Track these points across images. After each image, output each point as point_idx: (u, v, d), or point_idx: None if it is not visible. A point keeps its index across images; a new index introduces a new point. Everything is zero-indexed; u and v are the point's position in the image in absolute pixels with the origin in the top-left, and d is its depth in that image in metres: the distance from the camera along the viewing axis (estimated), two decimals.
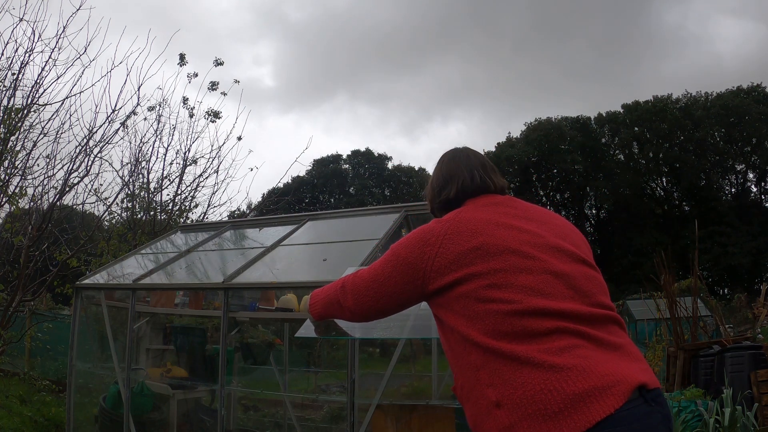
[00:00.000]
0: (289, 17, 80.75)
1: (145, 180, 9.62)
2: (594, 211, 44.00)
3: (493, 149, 42.85)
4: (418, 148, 78.85)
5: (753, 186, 39.47)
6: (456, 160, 1.81)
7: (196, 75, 10.04)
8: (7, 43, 7.24)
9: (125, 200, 9.46)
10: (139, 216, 9.57)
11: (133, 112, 8.86)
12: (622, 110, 40.79)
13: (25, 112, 7.20)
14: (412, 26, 76.01)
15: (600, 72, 65.38)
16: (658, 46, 62.97)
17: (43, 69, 7.24)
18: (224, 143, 11.44)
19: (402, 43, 76.45)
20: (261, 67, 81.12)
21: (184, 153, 9.91)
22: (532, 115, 68.99)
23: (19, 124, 7.17)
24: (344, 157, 48.71)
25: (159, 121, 9.59)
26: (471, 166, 1.77)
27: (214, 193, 10.56)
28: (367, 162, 48.42)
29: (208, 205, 10.33)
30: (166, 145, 9.81)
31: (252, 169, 14.57)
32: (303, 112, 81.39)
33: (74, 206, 8.74)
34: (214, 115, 10.07)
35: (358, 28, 78.12)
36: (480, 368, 1.40)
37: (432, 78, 76.39)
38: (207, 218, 10.19)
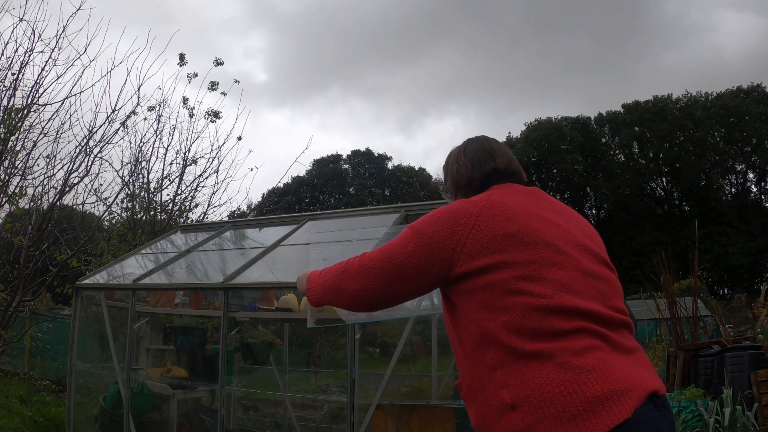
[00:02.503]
0: (279, 8, 79.78)
1: (145, 180, 9.63)
2: (594, 211, 44.00)
3: None
4: (415, 145, 78.32)
5: (753, 186, 39.50)
6: (491, 140, 1.79)
7: (196, 75, 10.06)
8: (7, 43, 7.25)
9: (125, 200, 9.47)
10: (139, 216, 9.57)
11: (133, 112, 8.87)
12: (622, 110, 40.81)
13: (25, 112, 7.20)
14: (402, 17, 74.68)
15: (599, 65, 64.17)
16: (659, 37, 62.17)
17: (43, 69, 7.24)
18: (224, 143, 11.47)
19: (393, 34, 75.07)
20: (252, 59, 79.68)
21: (184, 153, 9.92)
22: (529, 110, 68.12)
23: (19, 124, 7.16)
24: (344, 157, 48.74)
25: (159, 121, 9.60)
26: (508, 153, 1.76)
27: (214, 193, 10.56)
28: (367, 162, 48.41)
29: (208, 205, 10.34)
30: (166, 145, 9.82)
31: (252, 169, 14.62)
32: (297, 108, 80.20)
33: (74, 206, 8.74)
34: (214, 115, 10.08)
35: (348, 18, 76.81)
36: (496, 368, 1.37)
37: (425, 71, 75.06)
38: (207, 218, 10.19)
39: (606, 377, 1.28)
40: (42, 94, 7.30)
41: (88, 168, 7.84)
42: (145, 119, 11.56)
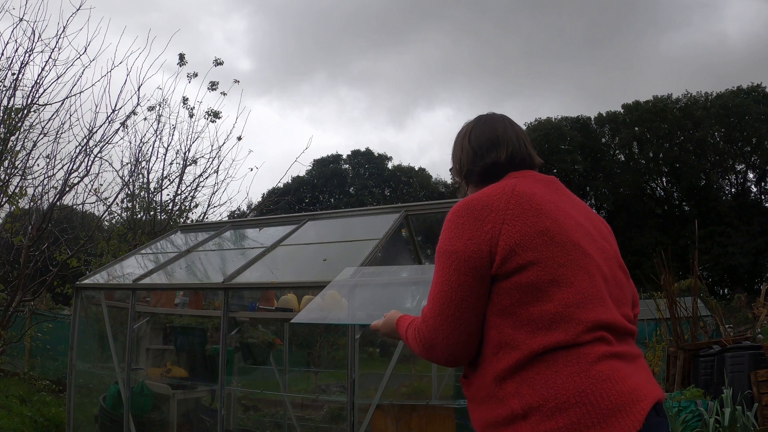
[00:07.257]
0: None
1: (145, 180, 9.65)
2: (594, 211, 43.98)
3: None
4: (410, 140, 76.35)
5: (753, 186, 39.44)
6: (499, 123, 1.62)
7: (196, 75, 10.11)
8: (7, 43, 7.29)
9: (125, 200, 9.49)
10: (139, 216, 9.58)
11: (133, 112, 8.90)
12: (622, 110, 40.83)
13: (25, 112, 7.21)
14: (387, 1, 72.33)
15: (596, 49, 61.86)
16: (659, 22, 59.75)
17: (43, 69, 7.26)
18: (224, 143, 11.50)
19: (376, 16, 72.52)
20: (234, 44, 76.64)
21: (184, 153, 9.95)
22: (523, 98, 65.55)
23: (19, 124, 7.17)
24: (344, 157, 48.74)
25: (159, 121, 9.63)
26: (516, 134, 1.60)
27: (214, 193, 10.61)
28: (367, 162, 48.40)
29: (208, 205, 10.36)
30: (166, 145, 9.86)
31: (252, 169, 14.66)
32: (285, 97, 77.84)
33: (74, 206, 8.76)
34: (214, 115, 10.09)
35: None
36: (507, 377, 1.32)
37: (412, 55, 72.40)
38: (207, 218, 10.20)
39: (619, 387, 1.26)
40: (42, 94, 7.32)
41: (88, 168, 7.87)
42: (145, 119, 11.61)
